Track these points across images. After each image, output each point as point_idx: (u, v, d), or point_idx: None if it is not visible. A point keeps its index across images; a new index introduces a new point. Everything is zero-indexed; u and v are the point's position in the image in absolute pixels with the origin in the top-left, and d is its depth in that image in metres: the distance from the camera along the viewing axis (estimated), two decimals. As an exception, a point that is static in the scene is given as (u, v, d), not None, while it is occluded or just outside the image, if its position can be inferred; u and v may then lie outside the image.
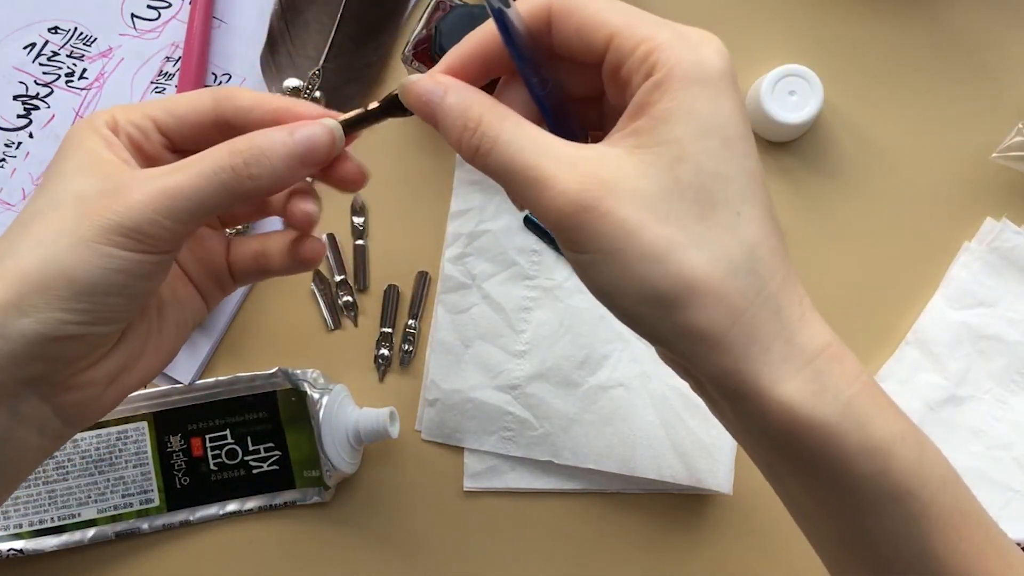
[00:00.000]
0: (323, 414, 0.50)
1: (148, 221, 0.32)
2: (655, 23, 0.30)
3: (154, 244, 0.32)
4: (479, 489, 0.53)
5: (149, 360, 0.37)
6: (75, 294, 0.32)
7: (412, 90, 0.32)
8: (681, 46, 0.29)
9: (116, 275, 0.32)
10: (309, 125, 0.33)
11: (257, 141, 0.32)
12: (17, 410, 0.33)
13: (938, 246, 0.54)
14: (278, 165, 0.32)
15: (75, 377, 0.34)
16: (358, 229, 0.54)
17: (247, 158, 0.32)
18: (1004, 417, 0.52)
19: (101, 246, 0.32)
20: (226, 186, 0.32)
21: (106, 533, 0.52)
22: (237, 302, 0.54)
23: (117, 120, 0.35)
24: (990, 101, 0.54)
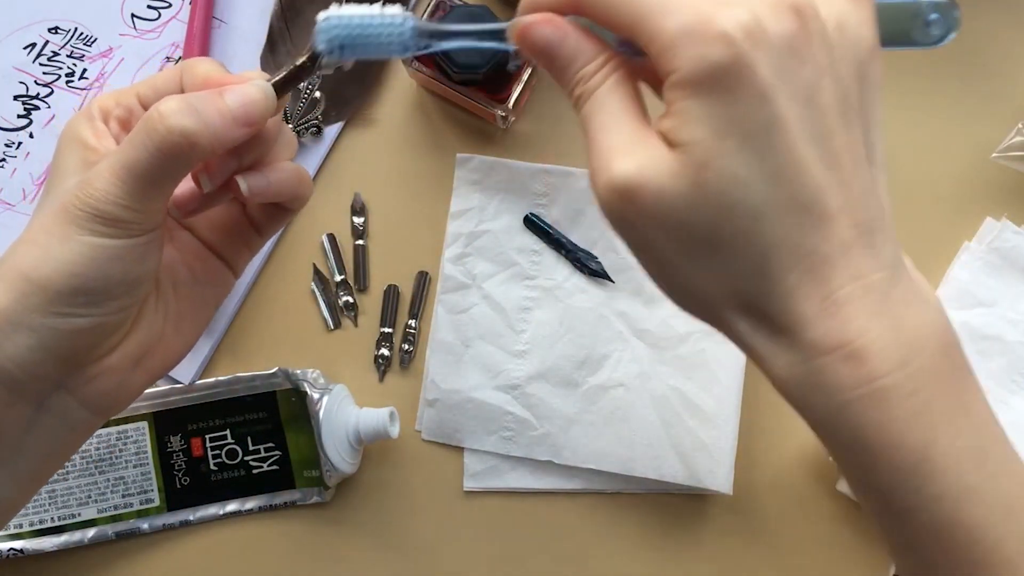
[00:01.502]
0: (323, 414, 0.50)
1: (111, 204, 0.32)
2: (662, 10, 0.27)
3: (128, 225, 0.33)
4: (479, 489, 0.53)
5: (172, 341, 0.38)
6: (73, 288, 0.32)
7: (533, 34, 0.30)
8: (687, 42, 0.27)
9: (107, 263, 0.33)
10: (241, 83, 0.34)
11: (190, 99, 0.33)
12: (42, 405, 0.34)
13: (938, 246, 0.54)
14: (213, 120, 0.33)
15: (93, 366, 0.35)
16: (358, 229, 0.54)
17: (179, 117, 0.32)
18: (1004, 417, 0.51)
19: (85, 237, 0.32)
20: (161, 149, 0.32)
21: (106, 533, 0.52)
22: (237, 302, 0.54)
23: (107, 106, 0.36)
24: (990, 101, 0.54)
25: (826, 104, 0.28)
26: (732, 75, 0.27)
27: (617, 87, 0.30)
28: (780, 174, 0.27)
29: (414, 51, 0.33)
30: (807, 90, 0.27)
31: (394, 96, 0.55)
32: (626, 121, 0.29)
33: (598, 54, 0.30)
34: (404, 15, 0.32)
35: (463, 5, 0.49)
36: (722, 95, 0.27)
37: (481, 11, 0.47)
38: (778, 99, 0.27)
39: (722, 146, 0.27)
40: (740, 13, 0.27)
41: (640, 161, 0.28)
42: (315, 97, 0.54)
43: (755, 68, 0.27)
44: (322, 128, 0.54)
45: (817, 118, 0.28)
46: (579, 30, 0.30)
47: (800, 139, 0.27)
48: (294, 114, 0.54)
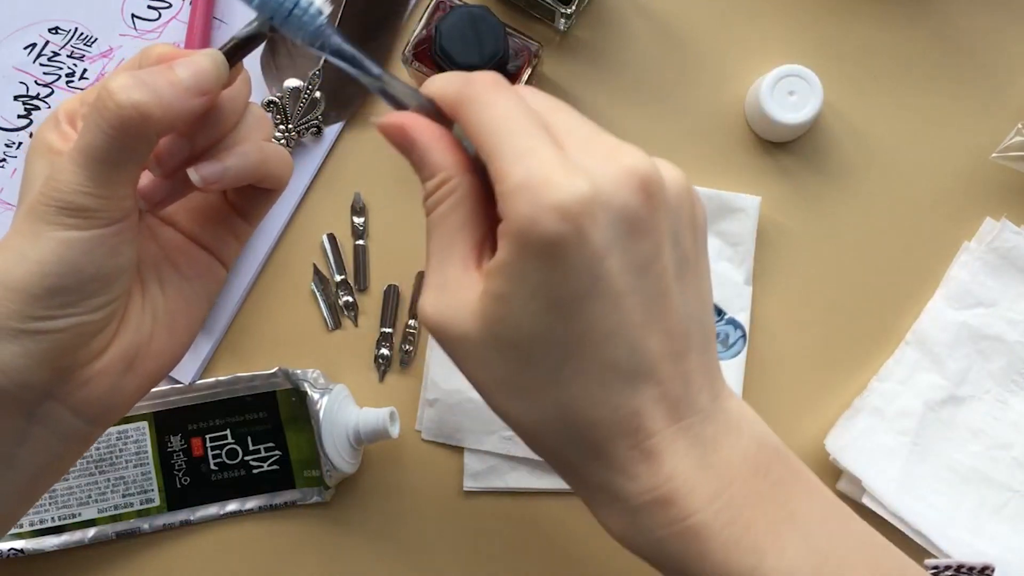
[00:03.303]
0: (323, 414, 0.50)
1: (75, 192, 0.32)
2: (514, 155, 0.28)
3: (95, 214, 0.32)
4: (479, 489, 0.53)
5: (165, 342, 0.37)
6: (47, 288, 0.32)
7: (386, 132, 0.32)
8: (524, 199, 0.27)
9: (78, 258, 0.32)
10: (189, 54, 0.34)
11: (139, 74, 0.32)
12: (33, 415, 0.33)
13: (938, 246, 0.54)
14: (163, 91, 0.32)
15: (82, 371, 0.34)
16: (358, 229, 0.54)
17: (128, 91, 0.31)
18: (1004, 417, 0.52)
19: (54, 232, 0.32)
20: (115, 126, 0.31)
21: (106, 533, 0.52)
22: (237, 302, 0.54)
23: (71, 108, 0.36)
24: (990, 101, 0.54)
25: (664, 270, 0.29)
26: (557, 247, 0.27)
27: (454, 210, 0.30)
28: (586, 339, 0.28)
29: (317, 48, 0.33)
30: (643, 261, 0.28)
31: (394, 96, 0.55)
32: (455, 250, 0.30)
33: (439, 171, 0.30)
34: (323, 7, 0.33)
35: (463, 5, 0.49)
36: (543, 261, 0.27)
37: (481, 12, 0.47)
38: (606, 272, 0.28)
39: (527, 307, 0.28)
40: (582, 185, 0.27)
41: (449, 303, 0.30)
42: (315, 97, 0.54)
43: (583, 243, 0.27)
44: (322, 128, 0.54)
45: (650, 285, 0.29)
46: (437, 140, 0.31)
47: (624, 307, 0.28)
48: (294, 114, 0.54)
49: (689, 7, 0.55)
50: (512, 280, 0.28)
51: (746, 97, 0.54)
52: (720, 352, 0.52)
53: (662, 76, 0.55)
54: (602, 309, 0.28)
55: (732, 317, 0.37)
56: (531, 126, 0.29)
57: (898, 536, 0.50)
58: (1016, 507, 0.51)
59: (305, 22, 0.33)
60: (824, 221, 0.54)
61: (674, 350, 0.29)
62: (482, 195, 0.30)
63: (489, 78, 0.30)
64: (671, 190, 0.29)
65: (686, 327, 0.30)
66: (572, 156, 0.28)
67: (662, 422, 0.29)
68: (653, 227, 0.28)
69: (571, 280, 0.27)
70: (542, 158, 0.27)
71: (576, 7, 0.51)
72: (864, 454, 0.51)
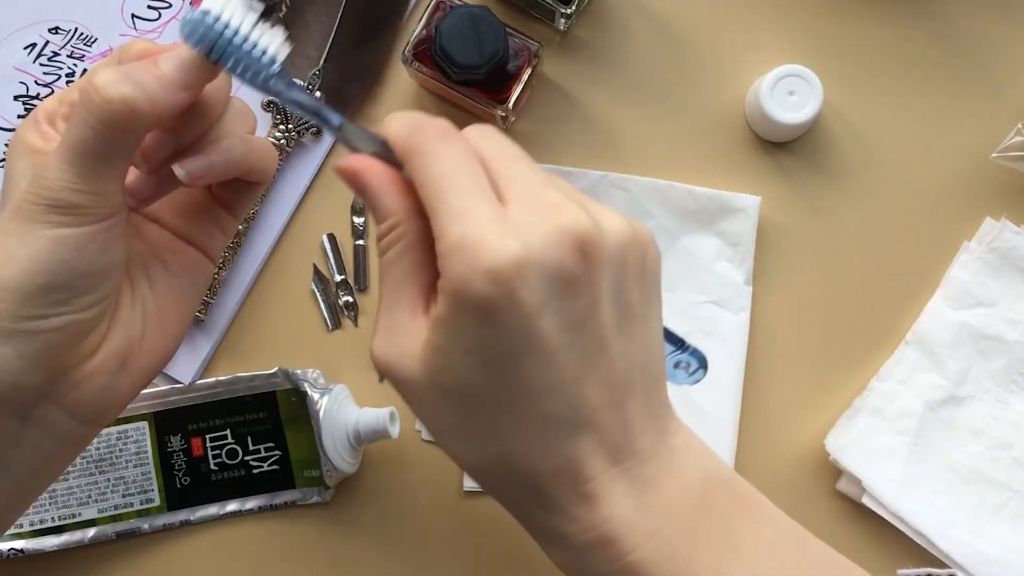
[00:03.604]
0: (323, 414, 0.50)
1: (64, 190, 0.31)
2: (452, 214, 0.29)
3: (84, 211, 0.32)
4: (479, 489, 0.53)
5: (157, 339, 0.37)
6: (38, 287, 0.31)
7: (341, 174, 0.32)
8: (458, 260, 0.28)
9: (69, 255, 0.32)
10: (170, 49, 0.34)
11: (124, 68, 0.32)
12: (27, 417, 0.33)
13: (938, 246, 0.54)
14: (150, 85, 0.31)
15: (75, 371, 0.34)
16: (358, 229, 0.54)
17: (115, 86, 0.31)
18: (1004, 417, 0.52)
19: (43, 231, 0.31)
20: (102, 121, 0.31)
21: (106, 533, 0.52)
22: (237, 302, 0.54)
23: (51, 108, 0.36)
24: (990, 101, 0.54)
25: (601, 324, 0.30)
26: (489, 309, 0.28)
27: (403, 255, 0.31)
28: (523, 393, 0.29)
29: (270, 93, 0.33)
30: (578, 319, 0.29)
31: (394, 96, 0.55)
32: (402, 294, 0.31)
33: (389, 216, 0.31)
34: (275, 53, 0.33)
35: (463, 5, 0.49)
36: (477, 321, 0.28)
37: (481, 12, 0.47)
38: (539, 331, 0.28)
39: (463, 361, 0.29)
40: (513, 247, 0.27)
41: (396, 347, 0.30)
42: (315, 98, 0.54)
43: (515, 304, 0.28)
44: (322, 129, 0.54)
45: (586, 340, 0.29)
46: (387, 185, 0.31)
47: (558, 363, 0.29)
48: (294, 115, 0.54)
49: (689, 7, 0.55)
50: (449, 335, 0.29)
51: (746, 97, 0.54)
52: (681, 378, 0.52)
53: (662, 76, 0.55)
54: (536, 365, 0.29)
55: (694, 347, 0.38)
56: (471, 183, 0.29)
57: (898, 536, 0.50)
58: (1016, 507, 0.51)
59: (256, 69, 0.33)
60: (824, 221, 0.54)
61: (612, 399, 0.30)
62: (432, 241, 0.30)
63: (437, 128, 0.31)
64: (613, 244, 0.30)
65: (626, 376, 0.30)
66: (511, 212, 0.29)
67: (600, 467, 0.30)
68: (589, 284, 0.29)
69: (504, 339, 0.28)
70: (478, 218, 0.28)
71: (576, 7, 0.51)
72: (864, 454, 0.51)
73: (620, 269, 0.30)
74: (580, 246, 0.28)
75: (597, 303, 0.29)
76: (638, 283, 0.31)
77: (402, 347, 0.30)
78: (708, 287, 0.53)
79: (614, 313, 0.30)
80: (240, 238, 0.53)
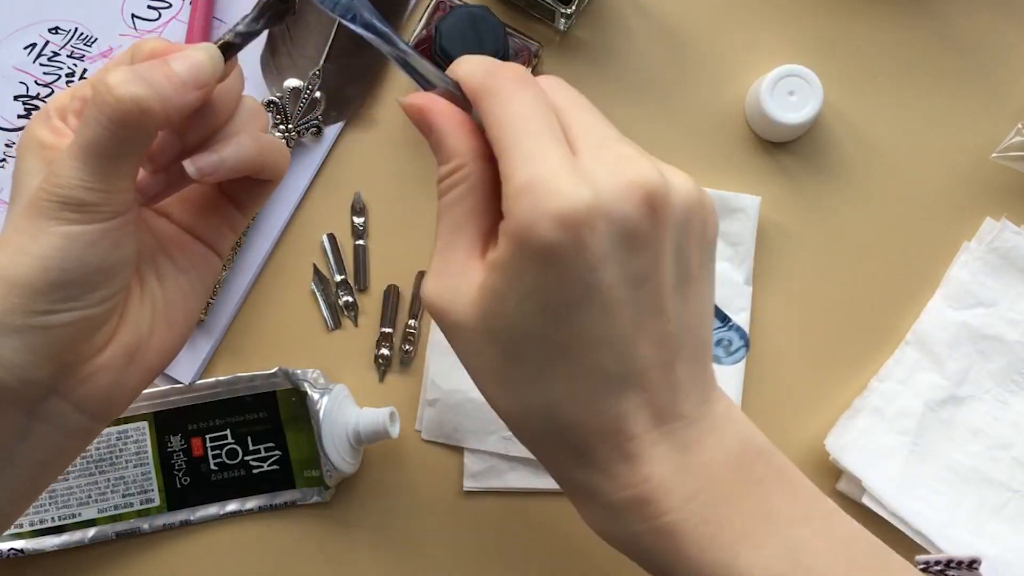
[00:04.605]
0: (323, 414, 0.50)
1: (77, 188, 0.32)
2: (523, 157, 0.28)
3: (97, 208, 0.32)
4: (479, 489, 0.53)
5: (164, 335, 0.37)
6: (50, 283, 0.32)
7: (409, 112, 0.32)
8: (526, 203, 0.27)
9: (81, 252, 0.32)
10: (182, 48, 0.34)
11: (136, 68, 0.32)
12: (35, 411, 0.33)
13: (938, 246, 0.54)
14: (161, 85, 0.32)
15: (84, 367, 0.34)
16: (358, 229, 0.54)
17: (127, 85, 0.31)
18: (1004, 417, 0.52)
19: (56, 227, 0.32)
20: (114, 121, 0.31)
21: (106, 533, 0.52)
22: (237, 302, 0.54)
23: (62, 103, 0.36)
24: (990, 101, 0.54)
25: (661, 283, 0.29)
26: (553, 254, 0.27)
27: (464, 198, 0.31)
28: (576, 344, 0.29)
29: (347, 19, 0.33)
30: (640, 274, 0.29)
31: (394, 96, 0.55)
32: (460, 237, 0.31)
33: (454, 157, 0.31)
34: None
35: (463, 5, 0.49)
36: (539, 266, 0.28)
37: (481, 12, 0.47)
38: (599, 283, 0.28)
39: (520, 306, 0.29)
40: (584, 194, 0.27)
41: (449, 288, 0.30)
42: (315, 97, 0.54)
43: (580, 252, 0.27)
44: (322, 128, 0.54)
45: (644, 297, 0.29)
46: (455, 126, 0.31)
47: (615, 317, 0.29)
48: (294, 114, 0.54)
49: (689, 7, 0.55)
50: (508, 279, 0.28)
51: (746, 97, 0.54)
52: (722, 357, 0.52)
53: (662, 76, 0.55)
54: (593, 317, 0.28)
55: (736, 324, 0.38)
56: (545, 127, 0.29)
57: (898, 536, 0.50)
58: (1016, 507, 0.51)
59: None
60: (824, 221, 0.54)
61: (663, 359, 0.30)
62: (495, 185, 0.30)
63: (513, 72, 0.31)
64: (680, 204, 0.29)
65: (678, 338, 0.30)
66: (582, 161, 0.28)
67: (644, 426, 0.30)
68: (653, 241, 0.29)
69: (564, 287, 0.28)
70: (549, 162, 0.28)
71: (576, 7, 0.51)
72: (864, 454, 0.51)
73: (684, 230, 0.30)
74: (649, 201, 0.28)
75: (659, 260, 0.29)
76: (698, 246, 0.31)
77: (456, 289, 0.30)
78: (708, 287, 0.53)
79: (674, 273, 0.30)
80: (240, 238, 0.53)
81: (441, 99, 0.32)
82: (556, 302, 0.28)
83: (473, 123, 0.31)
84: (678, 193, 0.29)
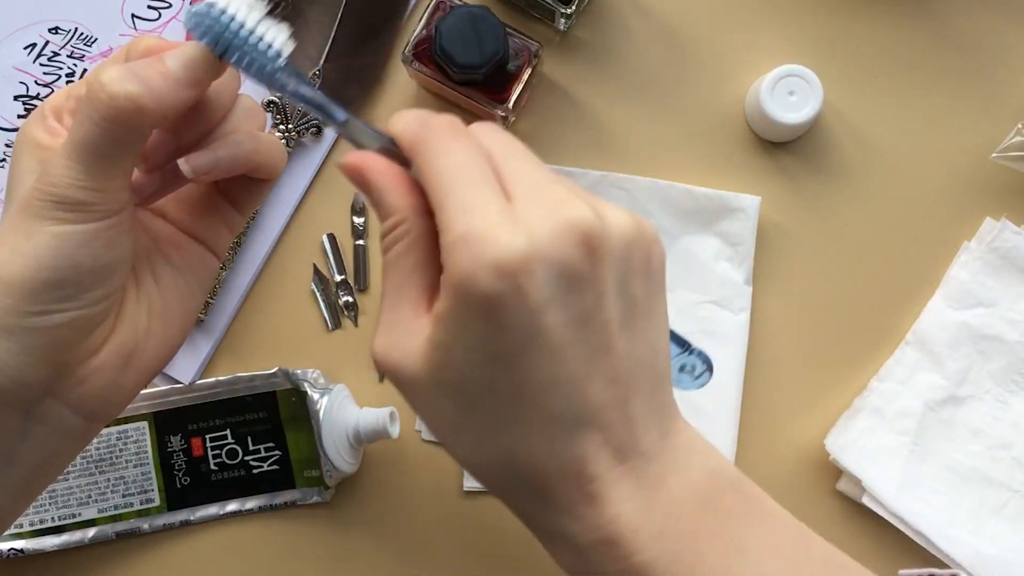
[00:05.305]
0: (323, 414, 0.50)
1: (70, 187, 0.31)
2: (458, 208, 0.28)
3: (91, 208, 0.32)
4: (479, 489, 0.53)
5: (161, 335, 0.37)
6: (45, 282, 0.31)
7: (345, 171, 0.32)
8: (463, 254, 0.27)
9: (76, 251, 0.32)
10: (177, 46, 0.33)
11: (130, 65, 0.32)
12: (31, 413, 0.33)
13: (938, 246, 0.54)
14: (155, 82, 0.31)
15: (81, 368, 0.34)
16: (358, 229, 0.54)
17: (121, 83, 0.31)
18: (1004, 417, 0.52)
19: (50, 227, 0.31)
20: (107, 119, 0.31)
21: (106, 533, 0.52)
22: (237, 302, 0.54)
23: (58, 103, 0.36)
24: (990, 101, 0.54)
25: (606, 321, 0.29)
26: (494, 303, 0.27)
27: (406, 253, 0.31)
28: (527, 390, 0.29)
29: (277, 90, 0.33)
30: (583, 314, 0.29)
31: (394, 96, 0.55)
32: (405, 292, 0.31)
33: (393, 213, 0.31)
34: (281, 47, 0.32)
35: (463, 5, 0.49)
36: (481, 316, 0.28)
37: (481, 12, 0.47)
38: (544, 327, 0.28)
39: (466, 357, 0.29)
40: (520, 242, 0.27)
41: (397, 345, 0.30)
42: (315, 97, 0.54)
43: (520, 299, 0.27)
44: (322, 128, 0.54)
45: (591, 336, 0.29)
46: (393, 182, 0.31)
47: (563, 359, 0.29)
48: (294, 114, 0.54)
49: (689, 7, 0.55)
50: (452, 331, 0.29)
51: (746, 97, 0.54)
52: (686, 383, 0.52)
53: (662, 76, 0.55)
54: (541, 362, 0.28)
55: (699, 350, 0.38)
56: (478, 177, 0.29)
57: (898, 536, 0.50)
58: (1016, 507, 0.51)
59: (262, 63, 0.32)
60: (824, 221, 0.54)
61: (617, 397, 0.30)
62: (436, 238, 0.30)
63: (445, 123, 0.31)
64: (618, 239, 0.29)
65: (631, 373, 0.30)
66: (516, 207, 0.28)
67: (605, 465, 0.30)
68: (593, 280, 0.29)
69: (508, 335, 0.28)
70: (484, 212, 0.28)
71: (576, 7, 0.51)
72: (864, 454, 0.51)
73: (625, 265, 0.30)
74: (585, 241, 0.28)
75: (602, 299, 0.29)
76: (643, 279, 0.31)
77: (404, 345, 0.30)
78: (708, 287, 0.53)
79: (619, 309, 0.30)
80: (240, 238, 0.53)
81: (377, 156, 0.32)
82: (502, 350, 0.28)
83: (411, 179, 0.31)
84: (615, 229, 0.29)
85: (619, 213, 0.30)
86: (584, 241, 0.28)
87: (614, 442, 0.30)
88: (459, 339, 0.28)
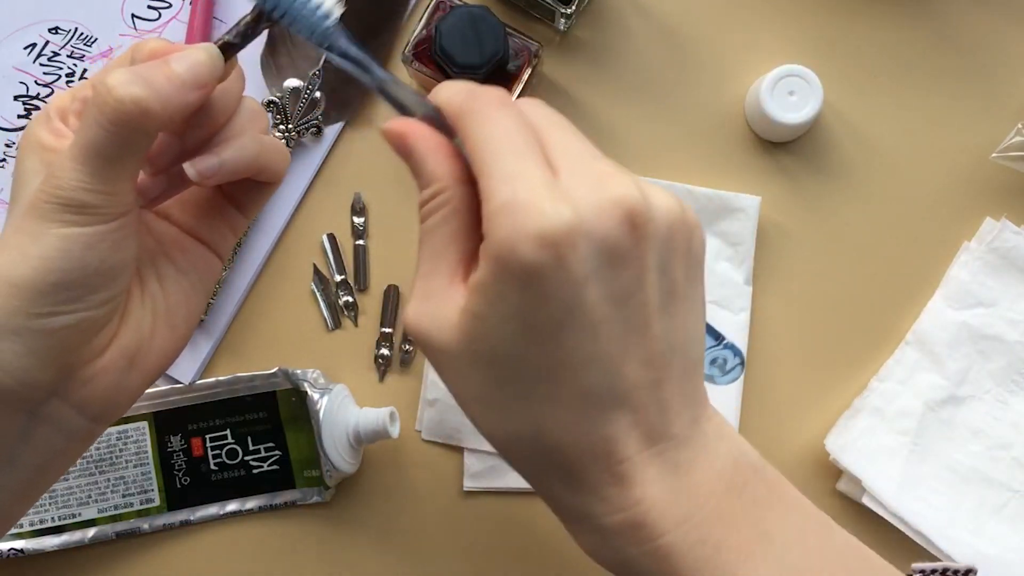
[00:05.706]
0: (323, 414, 0.50)
1: (77, 189, 0.31)
2: (503, 176, 0.28)
3: (97, 210, 0.32)
4: (479, 489, 0.53)
5: (165, 337, 0.37)
6: (51, 284, 0.32)
7: (388, 139, 0.32)
8: (506, 223, 0.27)
9: (82, 253, 0.32)
10: (183, 48, 0.34)
11: (136, 69, 0.32)
12: (35, 413, 0.33)
13: (938, 246, 0.54)
14: (161, 85, 0.32)
15: (86, 369, 0.34)
16: (358, 229, 0.54)
17: (127, 86, 0.31)
18: (1004, 417, 0.52)
19: (56, 229, 0.32)
20: (114, 122, 0.31)
21: (106, 533, 0.52)
22: (237, 302, 0.54)
23: (63, 104, 0.36)
24: (990, 101, 0.54)
25: (646, 301, 0.29)
26: (535, 274, 0.27)
27: (445, 222, 0.31)
28: (561, 365, 0.28)
29: (325, 49, 0.34)
30: (624, 292, 0.28)
31: (394, 96, 0.55)
32: (442, 261, 0.30)
33: (434, 181, 0.31)
34: (332, 9, 0.33)
35: (463, 5, 0.49)
36: (520, 286, 0.27)
37: (481, 12, 0.47)
38: (583, 302, 0.28)
39: (502, 328, 0.28)
40: (565, 213, 0.27)
41: (430, 313, 0.30)
42: (315, 97, 0.54)
43: (562, 272, 0.27)
44: (322, 128, 0.54)
45: (630, 315, 0.29)
46: (435, 150, 0.31)
47: (600, 336, 0.28)
48: (294, 114, 0.54)
49: (689, 7, 0.55)
50: (489, 301, 0.28)
51: (746, 97, 0.54)
52: (717, 377, 0.52)
53: (662, 76, 0.55)
54: (578, 337, 0.28)
55: (731, 343, 0.37)
56: (525, 147, 0.29)
57: (898, 536, 0.50)
58: (1016, 507, 0.51)
59: (312, 23, 0.33)
60: (824, 221, 0.54)
61: (651, 378, 0.30)
62: (477, 209, 0.30)
63: (494, 94, 0.30)
64: (662, 221, 0.29)
65: (666, 356, 0.30)
66: (562, 180, 0.28)
67: (635, 447, 0.30)
68: (636, 258, 0.28)
69: (547, 307, 0.27)
70: (530, 181, 0.27)
71: (576, 7, 0.51)
72: (864, 454, 0.51)
73: (667, 247, 0.29)
74: (630, 218, 0.28)
75: (643, 278, 0.29)
76: (684, 263, 0.30)
77: (437, 314, 0.30)
78: (708, 287, 0.53)
79: (659, 291, 0.29)
80: (240, 238, 0.53)
81: (421, 123, 0.32)
82: (539, 323, 0.28)
83: (453, 148, 0.31)
84: (659, 210, 0.29)
85: (664, 195, 0.30)
86: (629, 218, 0.28)
87: (645, 424, 0.30)
88: (495, 309, 0.28)
